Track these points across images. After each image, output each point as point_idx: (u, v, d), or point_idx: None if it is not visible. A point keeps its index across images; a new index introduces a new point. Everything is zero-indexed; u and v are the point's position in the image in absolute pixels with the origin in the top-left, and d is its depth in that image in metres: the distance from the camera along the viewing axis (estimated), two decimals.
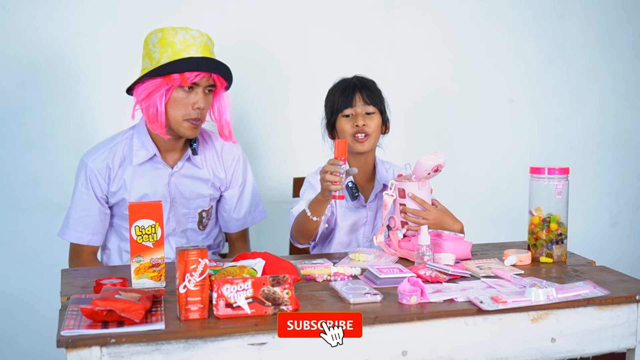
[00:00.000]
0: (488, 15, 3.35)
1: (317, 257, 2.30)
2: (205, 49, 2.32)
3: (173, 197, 2.46)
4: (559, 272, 2.14)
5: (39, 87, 2.87)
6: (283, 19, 3.11)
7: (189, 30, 2.32)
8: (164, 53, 2.29)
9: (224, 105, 2.43)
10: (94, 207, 2.43)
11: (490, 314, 1.80)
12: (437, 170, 2.27)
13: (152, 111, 2.32)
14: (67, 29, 2.88)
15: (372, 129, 2.46)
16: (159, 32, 2.32)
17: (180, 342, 1.64)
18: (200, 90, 2.32)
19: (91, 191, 2.42)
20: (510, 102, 3.41)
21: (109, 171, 2.41)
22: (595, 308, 1.88)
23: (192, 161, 2.48)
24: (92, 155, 2.43)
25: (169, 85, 2.30)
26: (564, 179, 2.24)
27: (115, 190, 2.42)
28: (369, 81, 2.53)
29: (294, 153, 3.16)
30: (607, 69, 3.53)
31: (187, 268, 1.69)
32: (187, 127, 2.35)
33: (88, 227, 2.45)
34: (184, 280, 1.69)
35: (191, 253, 1.69)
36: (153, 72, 2.29)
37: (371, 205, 2.55)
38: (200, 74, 2.29)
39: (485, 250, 2.38)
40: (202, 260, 1.70)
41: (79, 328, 1.62)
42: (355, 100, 2.46)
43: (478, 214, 3.23)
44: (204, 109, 2.34)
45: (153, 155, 2.43)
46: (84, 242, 2.46)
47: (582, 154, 3.52)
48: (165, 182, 2.45)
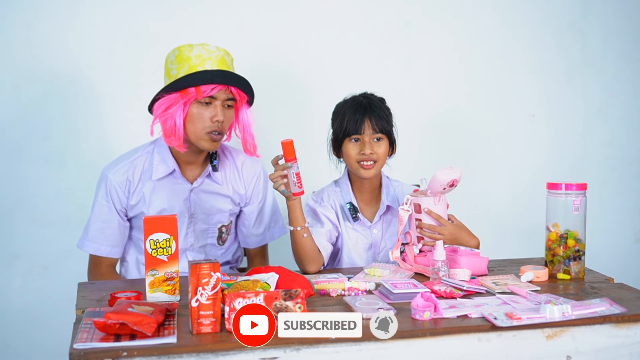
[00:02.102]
0: (507, 29, 3.35)
1: (332, 271, 2.30)
2: (221, 62, 2.34)
3: (192, 213, 2.47)
4: (576, 289, 2.12)
5: (59, 102, 2.90)
6: (300, 34, 3.13)
7: (205, 46, 2.34)
8: (181, 69, 2.31)
9: (247, 120, 2.43)
10: (114, 219, 2.45)
11: (504, 330, 1.78)
12: (452, 185, 2.26)
13: (169, 125, 2.33)
14: (87, 43, 2.91)
15: (380, 155, 2.43)
16: (176, 50, 2.35)
17: (191, 355, 1.64)
18: (218, 104, 2.33)
19: (111, 203, 2.43)
20: (530, 117, 3.40)
21: (129, 185, 2.43)
22: (612, 326, 1.85)
23: (212, 177, 2.49)
24: (113, 168, 2.45)
25: (185, 99, 2.31)
26: (582, 195, 2.22)
27: (134, 204, 2.44)
28: (378, 103, 2.47)
29: (312, 169, 3.15)
30: (628, 83, 3.50)
31: (200, 282, 1.69)
32: (207, 141, 2.36)
33: (107, 239, 2.46)
34: (196, 294, 1.70)
35: (203, 267, 1.70)
36: (169, 87, 2.31)
37: (375, 226, 2.52)
38: (217, 87, 2.30)
39: (502, 266, 2.36)
40: (214, 274, 1.70)
41: (92, 341, 1.63)
42: (364, 127, 2.41)
43: (495, 230, 3.21)
44: (223, 122, 2.35)
45: (172, 170, 2.44)
46: (103, 254, 2.47)
47: (604, 169, 3.49)
48: (184, 198, 2.46)
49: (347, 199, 2.51)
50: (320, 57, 3.16)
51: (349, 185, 2.52)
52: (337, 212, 2.51)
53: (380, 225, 2.52)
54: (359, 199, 2.53)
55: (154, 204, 2.44)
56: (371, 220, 2.52)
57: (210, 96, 2.31)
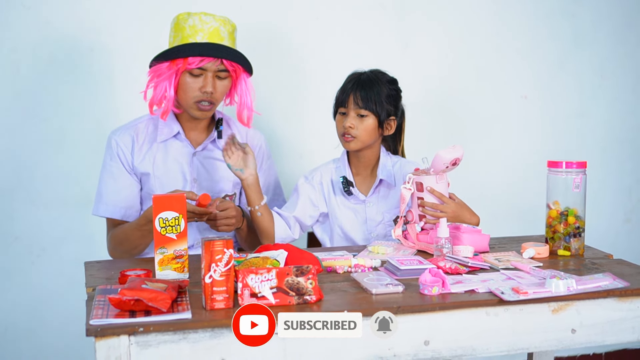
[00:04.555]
0: (502, 12, 3.37)
1: (337, 249, 2.33)
2: (213, 34, 2.36)
3: (195, 178, 2.50)
4: (577, 264, 2.16)
5: (60, 82, 2.89)
6: (298, 13, 3.13)
7: (201, 16, 2.37)
8: (176, 38, 2.38)
9: (244, 90, 2.48)
10: (125, 179, 2.47)
11: (511, 304, 1.82)
12: (455, 164, 2.29)
13: (159, 92, 2.39)
14: (85, 24, 2.90)
15: (360, 131, 2.46)
16: (175, 18, 2.41)
17: (206, 331, 1.66)
18: (209, 75, 2.37)
19: (119, 163, 2.46)
20: (523, 99, 3.43)
21: (132, 144, 2.47)
22: (615, 300, 1.89)
23: (216, 144, 2.54)
24: (117, 131, 2.51)
25: (173, 70, 2.36)
26: (582, 173, 2.25)
27: (139, 163, 2.47)
28: (376, 82, 2.50)
29: (310, 148, 3.18)
30: (619, 65, 3.54)
31: (213, 258, 1.71)
32: (196, 110, 2.42)
33: (121, 200, 2.46)
34: (210, 270, 1.72)
35: (217, 243, 1.71)
36: (160, 56, 2.37)
37: (370, 199, 2.56)
38: (206, 59, 2.34)
39: (503, 244, 2.40)
40: (227, 250, 1.72)
41: (107, 317, 1.65)
42: (349, 101, 2.47)
43: (493, 209, 3.24)
44: (212, 93, 2.39)
45: (177, 132, 2.49)
46: (119, 217, 2.47)
47: (596, 150, 3.53)
48: (187, 161, 2.50)
49: (341, 173, 2.56)
50: (318, 38, 3.17)
51: (347, 160, 2.57)
52: (327, 188, 2.56)
53: (374, 198, 2.56)
54: (355, 174, 2.58)
55: (157, 164, 2.47)
56: (366, 194, 2.56)
57: (200, 67, 2.35)
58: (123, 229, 2.44)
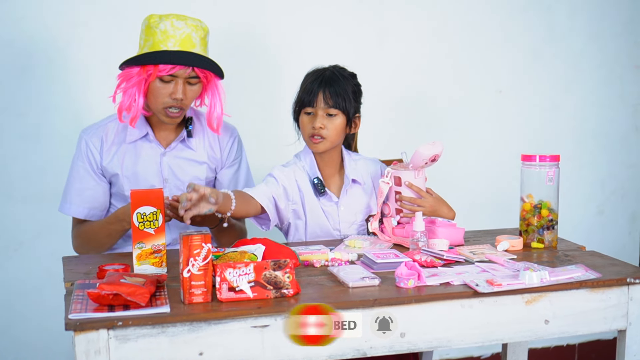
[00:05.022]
0: (476, 6, 3.39)
1: (314, 243, 2.34)
2: (185, 41, 2.32)
3: (166, 178, 2.49)
4: (551, 256, 2.19)
5: (35, 77, 2.88)
6: (274, 10, 3.14)
7: (173, 21, 2.32)
8: (147, 42, 2.34)
9: (215, 96, 2.45)
10: (90, 180, 2.46)
11: (486, 296, 1.85)
12: (434, 160, 2.31)
13: (127, 99, 2.37)
14: (63, 18, 2.89)
15: (330, 131, 2.39)
16: (146, 20, 2.36)
17: (185, 324, 1.68)
18: (180, 81, 2.35)
19: (86, 164, 2.46)
20: (498, 93, 3.46)
21: (101, 144, 2.46)
22: (588, 290, 1.93)
23: (186, 143, 2.52)
24: (88, 129, 2.49)
25: (142, 76, 2.33)
26: (555, 166, 2.29)
27: (107, 164, 2.45)
28: (340, 78, 2.41)
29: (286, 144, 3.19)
30: (593, 59, 3.58)
31: (191, 252, 1.73)
32: (164, 115, 2.40)
33: (85, 201, 2.46)
34: (188, 265, 1.73)
35: (195, 238, 1.73)
36: (131, 61, 2.34)
37: (342, 201, 2.48)
38: (176, 67, 2.31)
39: (478, 237, 2.43)
40: (205, 245, 1.73)
41: (86, 312, 1.66)
42: (317, 100, 2.38)
43: (468, 203, 3.27)
44: (182, 99, 2.37)
45: (145, 133, 2.47)
46: (83, 216, 2.47)
47: (570, 143, 3.57)
48: (157, 161, 2.49)
49: (313, 173, 2.47)
50: (292, 32, 3.18)
51: (314, 159, 2.49)
52: (302, 188, 2.47)
53: (346, 200, 2.49)
54: (323, 174, 2.49)
55: (126, 165, 2.46)
56: (337, 195, 2.49)
57: (170, 74, 2.33)
58: (91, 226, 2.45)
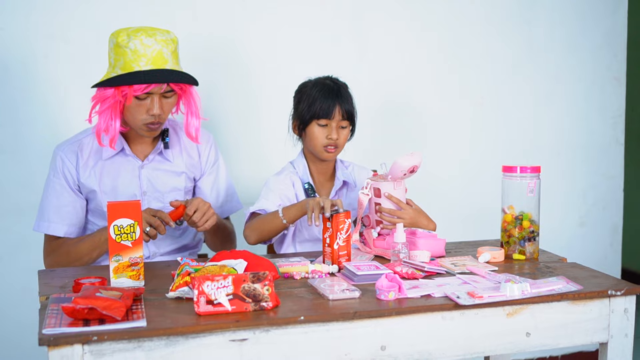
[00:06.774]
0: (457, 19, 3.40)
1: (294, 255, 2.32)
2: (157, 59, 2.29)
3: (144, 191, 2.47)
4: (532, 268, 2.18)
5: (11, 89, 2.85)
6: (253, 21, 3.13)
7: (142, 39, 2.27)
8: (118, 62, 2.30)
9: (191, 106, 2.43)
10: (68, 197, 2.43)
11: (467, 308, 1.83)
12: (413, 171, 2.30)
13: (103, 122, 2.33)
14: (39, 31, 2.87)
15: (342, 141, 2.50)
16: (114, 38, 2.30)
17: (162, 339, 1.65)
18: (156, 97, 2.32)
19: (63, 180, 2.42)
20: (479, 104, 3.46)
21: (77, 160, 2.43)
22: (569, 303, 1.92)
23: (163, 155, 2.50)
24: (62, 145, 2.46)
25: (117, 98, 2.31)
26: (536, 178, 2.28)
27: (85, 180, 2.42)
28: (347, 91, 2.53)
29: (266, 153, 3.18)
30: (572, 71, 3.60)
31: (338, 227, 1.70)
32: (145, 130, 2.38)
33: (63, 218, 2.43)
34: (337, 238, 1.69)
35: (340, 216, 1.69)
36: (105, 83, 2.31)
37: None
38: (150, 86, 2.29)
39: (459, 248, 2.42)
40: (347, 220, 1.70)
41: (60, 326, 1.62)
42: (335, 112, 2.46)
43: (449, 214, 3.26)
44: (160, 114, 2.35)
45: (122, 148, 2.44)
46: (62, 234, 2.43)
47: (550, 154, 3.58)
48: (135, 175, 2.46)
49: (305, 179, 2.54)
50: (273, 42, 3.17)
51: (307, 166, 2.56)
52: (298, 193, 2.53)
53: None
54: (316, 179, 2.57)
55: (105, 182, 2.43)
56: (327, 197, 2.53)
57: (146, 92, 2.30)
58: (74, 244, 2.41)
